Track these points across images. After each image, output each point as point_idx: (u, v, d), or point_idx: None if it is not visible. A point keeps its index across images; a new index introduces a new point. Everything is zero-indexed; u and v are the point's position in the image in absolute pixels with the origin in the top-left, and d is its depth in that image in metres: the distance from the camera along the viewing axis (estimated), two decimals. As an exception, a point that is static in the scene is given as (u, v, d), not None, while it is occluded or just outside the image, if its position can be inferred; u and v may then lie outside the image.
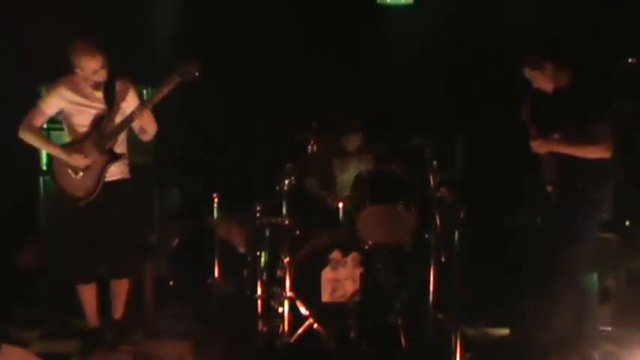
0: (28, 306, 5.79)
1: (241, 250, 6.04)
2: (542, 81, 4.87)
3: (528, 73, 4.90)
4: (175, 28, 6.88)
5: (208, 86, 6.61)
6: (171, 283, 6.30)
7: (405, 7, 7.04)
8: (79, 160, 4.95)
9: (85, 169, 4.98)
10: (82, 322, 5.29)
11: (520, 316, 5.22)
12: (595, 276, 5.13)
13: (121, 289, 5.26)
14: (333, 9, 6.91)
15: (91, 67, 4.87)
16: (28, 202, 6.10)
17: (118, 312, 5.28)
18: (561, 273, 4.80)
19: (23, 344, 4.95)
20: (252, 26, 6.84)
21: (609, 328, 5.36)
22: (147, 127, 5.07)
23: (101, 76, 4.94)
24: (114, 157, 5.03)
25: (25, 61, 6.08)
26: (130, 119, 4.99)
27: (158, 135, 5.30)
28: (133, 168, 5.30)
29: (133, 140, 5.30)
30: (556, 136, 4.78)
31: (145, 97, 5.74)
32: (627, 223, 5.73)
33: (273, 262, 5.59)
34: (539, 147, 4.86)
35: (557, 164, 4.84)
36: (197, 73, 4.93)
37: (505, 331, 5.52)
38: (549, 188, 4.92)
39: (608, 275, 5.43)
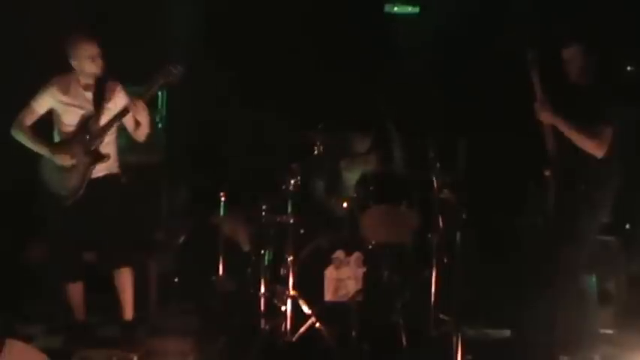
0: (33, 301, 5.83)
1: (246, 248, 6.08)
2: (579, 66, 4.82)
3: (572, 53, 4.84)
4: (185, 28, 6.94)
5: (217, 86, 6.68)
6: (175, 280, 6.34)
7: (412, 15, 7.26)
8: (64, 160, 4.98)
9: (70, 168, 5.00)
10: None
11: (521, 318, 5.24)
12: (593, 278, 5.14)
13: (123, 283, 5.20)
14: (343, 16, 7.01)
15: (89, 51, 4.94)
16: (35, 197, 6.14)
17: (127, 312, 5.24)
18: (560, 273, 4.82)
19: (28, 339, 4.96)
20: (260, 28, 6.90)
21: (610, 331, 5.38)
22: (140, 117, 5.04)
23: (97, 65, 4.99)
24: (99, 158, 5.05)
25: (25, 60, 6.13)
26: (119, 116, 5.02)
27: (168, 134, 5.31)
28: (143, 166, 5.32)
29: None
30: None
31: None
32: (627, 226, 5.75)
33: (277, 261, 5.63)
34: (543, 114, 4.83)
35: (560, 153, 4.86)
36: (179, 75, 4.97)
37: (506, 333, 5.53)
38: (547, 173, 4.93)
39: (608, 278, 5.46)
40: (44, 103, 5.04)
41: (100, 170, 5.10)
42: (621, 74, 5.86)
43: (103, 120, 5.05)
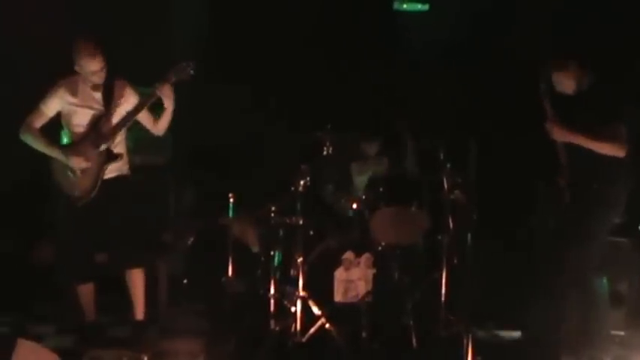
0: (44, 301, 5.85)
1: (255, 249, 6.07)
2: (566, 82, 4.82)
3: (553, 75, 4.85)
4: (193, 28, 6.95)
5: (225, 86, 6.69)
6: (185, 281, 6.34)
7: (421, 13, 7.24)
8: (77, 161, 4.98)
9: (83, 169, 5.00)
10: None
11: (531, 319, 5.22)
12: (604, 279, 5.12)
13: (135, 283, 5.22)
14: (351, 14, 7.01)
15: (91, 67, 4.93)
16: (46, 198, 6.16)
17: (139, 312, 5.26)
18: (572, 274, 4.80)
19: (38, 339, 4.98)
20: (270, 28, 6.90)
21: (621, 333, 5.36)
22: (167, 102, 5.04)
23: (100, 77, 4.99)
24: (111, 158, 5.05)
25: (29, 60, 6.13)
26: (133, 114, 5.02)
27: (175, 135, 5.27)
28: (150, 167, 5.31)
29: (150, 140, 5.35)
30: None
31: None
32: (640, 227, 5.72)
33: (287, 262, 5.63)
34: (556, 134, 4.81)
35: (572, 160, 4.84)
36: (191, 73, 4.98)
37: (516, 334, 5.52)
38: (561, 181, 4.91)
39: (620, 279, 5.43)
40: (53, 105, 5.04)
41: (111, 171, 5.11)
42: (634, 73, 5.83)
43: (115, 119, 5.06)
